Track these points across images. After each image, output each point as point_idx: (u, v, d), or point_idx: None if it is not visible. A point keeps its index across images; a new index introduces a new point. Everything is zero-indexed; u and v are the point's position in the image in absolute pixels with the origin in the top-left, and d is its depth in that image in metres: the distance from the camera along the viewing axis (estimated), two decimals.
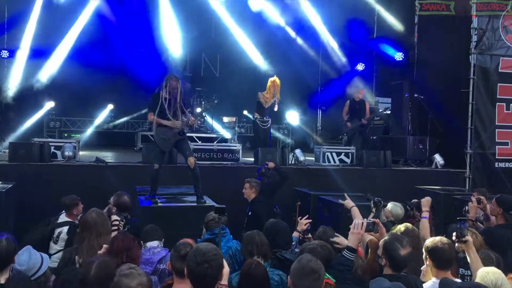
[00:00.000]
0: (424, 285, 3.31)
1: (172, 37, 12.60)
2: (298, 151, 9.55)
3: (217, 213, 4.32)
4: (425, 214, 4.69)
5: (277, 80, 9.42)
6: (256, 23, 13.37)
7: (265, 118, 9.40)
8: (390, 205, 5.64)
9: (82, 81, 12.09)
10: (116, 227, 4.12)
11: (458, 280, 3.29)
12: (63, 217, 5.13)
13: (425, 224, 4.54)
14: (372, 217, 5.35)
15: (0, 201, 5.94)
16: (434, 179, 9.14)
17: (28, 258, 3.18)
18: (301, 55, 13.86)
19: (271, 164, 7.17)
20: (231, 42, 13.45)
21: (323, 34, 13.82)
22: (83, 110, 13.13)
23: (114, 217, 4.22)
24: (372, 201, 5.63)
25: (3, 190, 6.21)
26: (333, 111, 14.40)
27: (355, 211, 4.61)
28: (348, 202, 4.79)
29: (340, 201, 4.95)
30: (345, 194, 4.97)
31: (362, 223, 3.44)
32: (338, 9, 13.10)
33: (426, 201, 4.86)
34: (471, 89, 9.46)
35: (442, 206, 7.42)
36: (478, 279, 2.98)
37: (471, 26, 9.63)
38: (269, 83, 9.43)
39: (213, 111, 13.06)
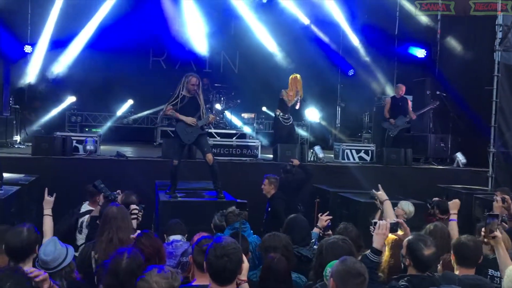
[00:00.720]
0: None
1: (195, 32, 12.74)
2: (317, 148, 9.51)
3: (238, 208, 4.34)
4: (453, 216, 4.55)
5: (298, 77, 9.28)
6: (276, 19, 13.38)
7: (287, 115, 9.28)
8: (401, 203, 5.57)
9: (102, 74, 12.30)
10: (135, 216, 4.17)
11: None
12: (85, 206, 5.21)
13: (453, 226, 4.43)
14: (379, 215, 5.30)
15: (23, 194, 6.06)
16: (456, 178, 9.01)
17: (53, 249, 3.23)
18: (321, 51, 13.81)
19: (295, 161, 7.15)
20: (250, 39, 13.51)
21: (344, 30, 13.76)
22: (104, 105, 13.26)
23: (133, 206, 4.26)
24: (378, 199, 5.55)
25: (26, 183, 6.34)
26: (353, 108, 14.34)
27: (388, 205, 4.48)
28: (382, 195, 4.59)
29: (374, 191, 4.80)
30: (379, 186, 4.73)
31: (386, 224, 3.35)
32: (360, 5, 13.01)
33: (454, 204, 4.68)
34: (495, 86, 9.25)
35: (464, 206, 7.31)
36: (506, 278, 2.91)
37: (496, 23, 9.43)
38: (290, 80, 9.27)
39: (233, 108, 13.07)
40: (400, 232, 3.84)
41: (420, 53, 12.43)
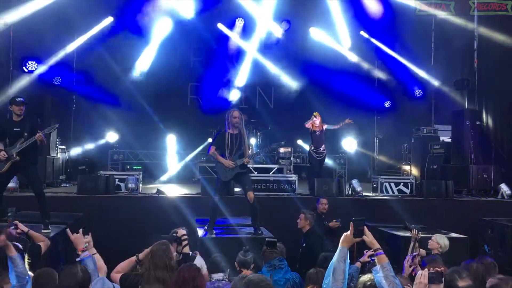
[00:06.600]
0: None
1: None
2: (355, 182, 9.44)
3: (268, 246, 4.39)
4: None
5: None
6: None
7: (319, 149, 9.34)
8: (436, 236, 5.42)
9: (142, 112, 12.75)
10: (186, 242, 4.33)
11: None
12: None
13: None
14: (413, 247, 5.18)
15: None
16: (501, 210, 8.70)
17: (101, 287, 3.36)
18: (357, 82, 13.92)
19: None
20: (284, 74, 13.90)
21: (380, 59, 13.91)
22: (144, 141, 13.67)
23: (181, 231, 4.36)
24: (414, 230, 5.42)
25: (72, 221, 6.60)
26: (389, 140, 14.22)
27: None
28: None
29: (407, 223, 4.53)
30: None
31: (425, 273, 3.18)
32: (399, 29, 13.10)
33: None
34: None
35: (510, 239, 7.07)
36: None
37: None
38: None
39: (268, 142, 13.19)
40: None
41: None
